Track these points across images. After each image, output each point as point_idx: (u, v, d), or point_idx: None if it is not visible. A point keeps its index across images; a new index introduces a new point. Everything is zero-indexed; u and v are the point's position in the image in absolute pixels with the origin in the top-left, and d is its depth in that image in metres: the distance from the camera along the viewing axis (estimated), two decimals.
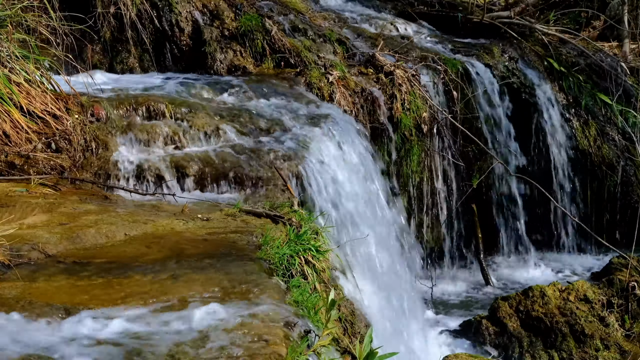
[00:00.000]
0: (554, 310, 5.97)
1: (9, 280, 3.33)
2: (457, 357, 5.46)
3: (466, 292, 7.27)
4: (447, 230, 7.41)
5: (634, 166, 8.08)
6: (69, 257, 3.66)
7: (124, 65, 6.86)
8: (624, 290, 6.06)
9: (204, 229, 4.16)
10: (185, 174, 5.16)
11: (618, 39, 8.97)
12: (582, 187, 8.03)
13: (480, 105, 7.53)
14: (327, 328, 3.12)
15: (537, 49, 8.28)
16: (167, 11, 6.94)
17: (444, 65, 7.39)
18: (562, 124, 7.98)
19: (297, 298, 3.44)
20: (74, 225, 4.05)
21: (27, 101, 5.11)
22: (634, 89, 8.15)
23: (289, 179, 5.21)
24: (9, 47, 5.24)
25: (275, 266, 3.71)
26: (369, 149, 6.27)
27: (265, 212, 4.43)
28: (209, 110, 5.77)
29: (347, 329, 4.38)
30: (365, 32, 7.87)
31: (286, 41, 7.00)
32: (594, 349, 5.81)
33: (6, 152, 4.89)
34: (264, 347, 2.74)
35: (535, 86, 7.93)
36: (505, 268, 7.70)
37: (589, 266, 7.64)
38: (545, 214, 7.90)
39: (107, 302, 3.12)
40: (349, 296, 4.74)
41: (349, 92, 6.77)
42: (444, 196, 7.33)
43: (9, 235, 3.65)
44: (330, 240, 4.74)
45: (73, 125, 5.19)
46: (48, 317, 2.97)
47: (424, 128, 7.07)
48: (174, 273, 3.44)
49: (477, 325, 6.17)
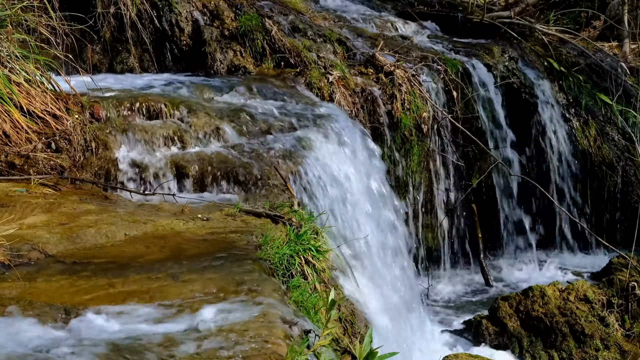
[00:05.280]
0: (554, 310, 5.97)
1: (9, 280, 3.33)
2: (457, 357, 5.46)
3: (466, 292, 7.27)
4: (447, 230, 7.41)
5: (634, 166, 8.07)
6: (69, 257, 3.66)
7: (124, 65, 6.86)
8: (624, 290, 6.06)
9: (204, 229, 4.16)
10: (185, 174, 5.16)
11: (618, 39, 8.97)
12: (582, 187, 8.02)
13: (480, 105, 7.53)
14: (327, 328, 3.12)
15: (537, 49, 8.28)
16: (167, 11, 6.94)
17: (444, 65, 7.39)
18: (562, 124, 7.98)
19: (297, 298, 3.45)
20: (74, 225, 4.05)
21: (27, 101, 5.11)
22: (634, 89, 8.15)
23: (289, 179, 5.21)
24: (9, 47, 5.24)
25: (275, 266, 3.71)
26: (369, 149, 6.27)
27: (265, 212, 4.43)
28: (209, 110, 5.77)
29: (347, 329, 4.38)
30: (365, 32, 7.86)
31: (286, 41, 7.01)
32: (594, 349, 5.81)
33: (6, 152, 4.89)
34: (263, 347, 2.74)
35: (535, 86, 7.92)
36: (505, 268, 7.71)
37: (589, 266, 7.64)
38: (545, 213, 7.90)
39: (107, 302, 3.12)
40: (349, 296, 4.74)
41: (349, 92, 6.77)
42: (444, 196, 7.33)
43: (9, 235, 3.65)
44: (331, 240, 4.74)
45: (73, 125, 5.18)
46: (48, 317, 2.97)
47: (424, 128, 7.07)
48: (174, 273, 3.44)
49: (477, 325, 6.18)
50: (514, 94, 7.82)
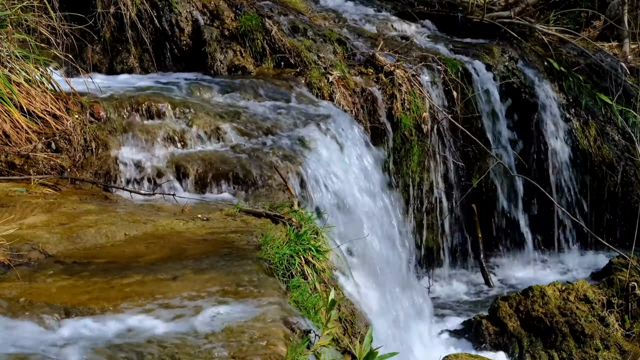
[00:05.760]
0: (554, 310, 5.97)
1: (9, 280, 3.33)
2: (457, 357, 5.46)
3: (466, 292, 7.27)
4: (447, 230, 7.41)
5: (634, 166, 8.07)
6: (69, 257, 3.66)
7: (124, 65, 6.86)
8: (624, 290, 6.06)
9: (204, 228, 4.16)
10: (185, 174, 5.16)
11: (618, 39, 8.96)
12: (582, 187, 8.02)
13: (480, 105, 7.53)
14: (327, 328, 3.12)
15: (537, 49, 8.28)
16: (167, 11, 6.94)
17: (444, 65, 7.39)
18: (562, 124, 7.97)
19: (297, 298, 3.45)
20: (74, 225, 4.05)
21: (27, 101, 5.11)
22: (634, 89, 8.15)
23: (289, 179, 5.21)
24: (9, 47, 5.24)
25: (275, 266, 3.71)
26: (369, 149, 6.27)
27: (265, 212, 4.43)
28: (209, 110, 5.77)
29: (347, 329, 4.38)
30: (365, 32, 7.86)
31: (286, 41, 7.00)
32: (594, 349, 5.81)
33: (6, 152, 4.89)
34: (264, 347, 2.74)
35: (535, 86, 7.92)
36: (505, 268, 7.70)
37: (589, 266, 7.64)
38: (545, 213, 7.90)
39: (107, 302, 3.12)
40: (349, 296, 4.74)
41: (349, 92, 6.77)
42: (444, 196, 7.33)
43: (9, 235, 3.65)
44: (332, 240, 4.74)
45: (73, 125, 5.19)
46: (48, 317, 2.97)
47: (424, 128, 7.07)
48: (174, 273, 3.45)
49: (477, 325, 6.17)
50: (514, 94, 7.82)
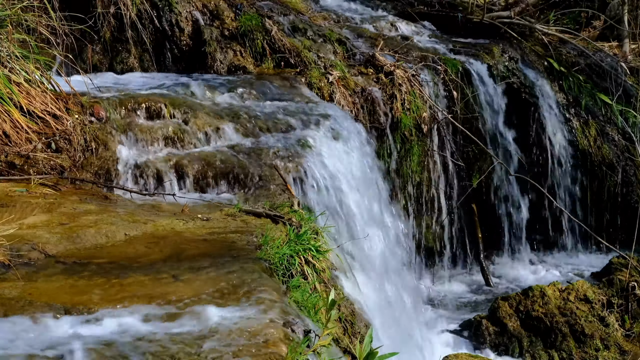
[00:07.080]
0: (554, 310, 5.97)
1: (9, 280, 3.32)
2: (457, 357, 5.46)
3: (466, 292, 7.27)
4: (447, 230, 7.41)
5: (634, 166, 8.07)
6: (69, 257, 3.66)
7: (124, 65, 6.86)
8: (624, 290, 6.06)
9: (204, 229, 4.16)
10: (186, 174, 5.16)
11: (618, 39, 8.97)
12: (582, 187, 8.02)
13: (480, 105, 7.53)
14: (327, 328, 3.12)
15: (537, 49, 8.28)
16: (167, 11, 6.94)
17: (444, 65, 7.39)
18: (562, 124, 7.98)
19: (297, 298, 3.45)
20: (74, 225, 4.05)
21: (27, 101, 5.11)
22: (634, 89, 8.15)
23: (289, 179, 5.21)
24: (9, 47, 5.24)
25: (275, 266, 3.71)
26: (369, 149, 6.27)
27: (265, 212, 4.43)
28: (209, 110, 5.77)
29: (347, 329, 4.38)
30: (365, 32, 7.86)
31: (286, 41, 7.00)
32: (594, 349, 5.81)
33: (6, 152, 4.89)
34: (264, 347, 2.74)
35: (535, 86, 7.92)
36: (506, 268, 7.70)
37: (589, 266, 7.64)
38: (545, 213, 7.90)
39: (107, 302, 3.12)
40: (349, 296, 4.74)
41: (349, 92, 6.77)
42: (444, 196, 7.33)
43: (9, 235, 3.65)
44: (332, 240, 4.74)
45: (73, 125, 5.18)
46: (48, 317, 2.97)
47: (424, 128, 7.07)
48: (174, 273, 3.45)
49: (477, 325, 6.18)
50: (514, 94, 7.82)
